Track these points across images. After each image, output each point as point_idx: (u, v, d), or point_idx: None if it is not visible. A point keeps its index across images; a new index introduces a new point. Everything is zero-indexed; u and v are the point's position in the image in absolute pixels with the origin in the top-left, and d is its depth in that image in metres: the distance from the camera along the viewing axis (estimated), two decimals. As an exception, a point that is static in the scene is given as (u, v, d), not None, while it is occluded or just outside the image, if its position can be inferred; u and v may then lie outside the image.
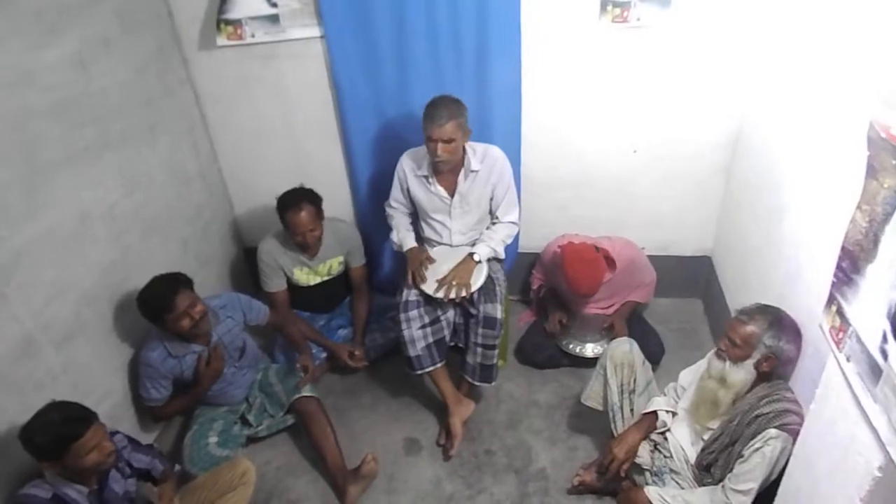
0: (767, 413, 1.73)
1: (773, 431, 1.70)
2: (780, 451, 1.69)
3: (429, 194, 2.48)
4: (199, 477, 2.20)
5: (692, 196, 2.84)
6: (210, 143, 2.97)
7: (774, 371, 1.83)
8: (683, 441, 2.01)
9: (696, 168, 2.75)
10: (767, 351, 1.79)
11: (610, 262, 2.62)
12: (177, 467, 2.20)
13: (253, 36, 2.62)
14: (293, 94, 2.79)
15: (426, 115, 2.23)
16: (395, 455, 2.48)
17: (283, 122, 2.87)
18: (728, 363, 1.85)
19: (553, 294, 2.87)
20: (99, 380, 2.23)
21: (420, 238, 2.62)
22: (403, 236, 2.54)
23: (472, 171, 2.41)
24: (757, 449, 1.72)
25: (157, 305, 2.13)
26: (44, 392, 1.89)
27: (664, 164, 2.76)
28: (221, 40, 2.65)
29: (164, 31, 2.62)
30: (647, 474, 2.07)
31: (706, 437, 1.93)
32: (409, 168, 2.48)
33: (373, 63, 2.59)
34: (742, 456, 1.76)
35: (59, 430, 1.64)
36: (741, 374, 1.83)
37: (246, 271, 3.24)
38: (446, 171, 2.41)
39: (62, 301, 2.06)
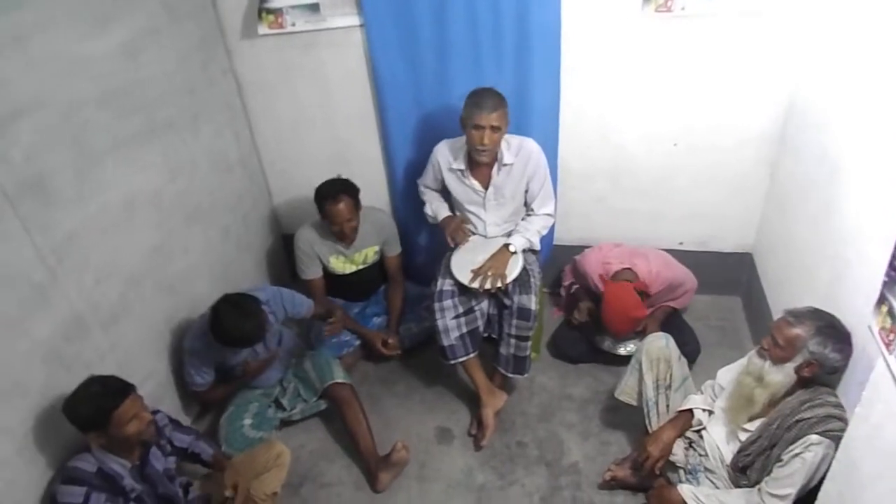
0: (809, 418, 1.69)
1: (814, 437, 1.65)
2: (821, 457, 1.65)
3: (463, 187, 2.48)
4: (236, 457, 2.25)
5: (734, 190, 2.77)
6: (250, 131, 3.02)
7: (816, 378, 1.77)
8: (719, 440, 1.98)
9: (738, 161, 2.68)
10: (810, 357, 1.73)
11: (646, 296, 2.55)
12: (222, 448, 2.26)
13: (294, 25, 2.65)
14: (332, 83, 2.81)
15: (472, 102, 2.23)
16: (428, 443, 2.50)
17: (322, 111, 2.90)
18: (768, 362, 1.81)
19: (585, 292, 2.83)
20: (142, 361, 2.30)
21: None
22: (437, 207, 2.57)
23: (506, 165, 2.39)
24: (797, 454, 1.68)
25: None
26: (91, 370, 1.95)
27: (705, 156, 2.69)
28: (263, 29, 2.68)
29: (208, 21, 2.67)
30: (681, 472, 2.05)
31: (743, 437, 1.89)
32: (444, 160, 2.48)
33: (412, 52, 2.59)
34: (781, 460, 1.72)
35: (99, 400, 1.71)
36: (779, 375, 1.78)
37: (283, 259, 3.30)
38: (482, 165, 2.40)
39: (109, 283, 2.12)
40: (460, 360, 2.41)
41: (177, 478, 2.01)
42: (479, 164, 2.39)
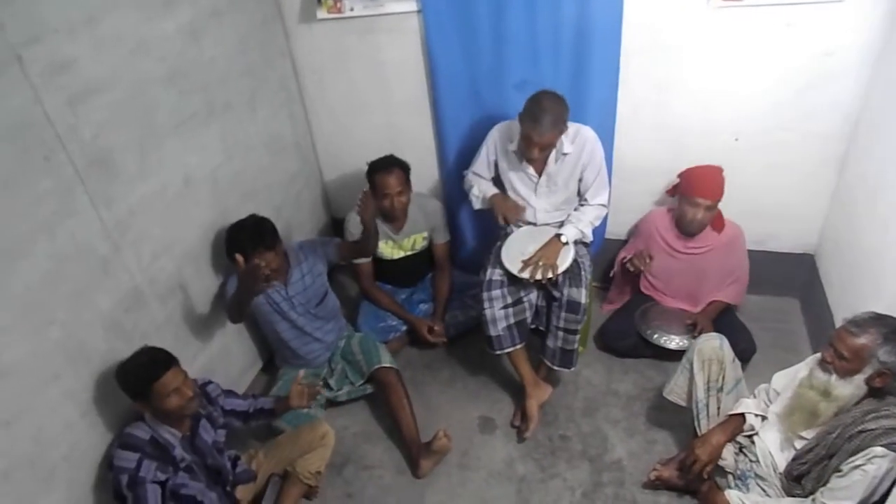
0: (874, 430, 1.61)
1: (879, 450, 1.58)
2: (885, 471, 1.58)
3: (517, 170, 2.45)
4: (282, 434, 2.30)
5: (797, 189, 2.65)
6: (305, 113, 3.05)
7: (889, 388, 1.68)
8: (772, 447, 1.91)
9: (804, 159, 2.56)
10: (882, 367, 1.64)
11: (720, 219, 2.56)
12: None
13: (352, 10, 2.65)
14: (388, 68, 2.81)
15: (529, 112, 2.18)
16: (470, 432, 2.50)
17: (376, 95, 2.90)
18: (834, 376, 1.72)
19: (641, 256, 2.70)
20: (196, 333, 2.37)
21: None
22: (485, 188, 2.53)
23: (564, 154, 2.35)
24: (858, 466, 1.61)
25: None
26: (148, 341, 2.02)
27: (768, 153, 2.59)
28: (321, 13, 2.70)
29: (268, 4, 2.70)
30: (730, 477, 1.99)
31: (798, 445, 1.82)
32: (500, 141, 2.45)
33: (469, 39, 2.57)
34: (840, 471, 1.65)
35: (142, 370, 1.78)
36: (849, 388, 1.70)
37: (333, 240, 3.34)
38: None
39: (167, 258, 2.19)
40: (507, 350, 2.40)
41: (225, 451, 2.06)
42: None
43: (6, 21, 1.54)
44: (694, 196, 2.50)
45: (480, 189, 2.53)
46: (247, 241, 2.21)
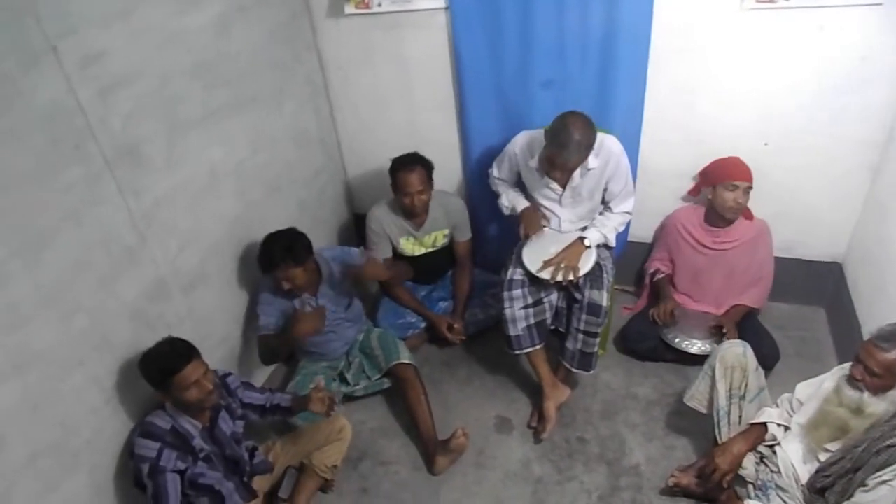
0: (903, 444, 1.58)
1: (906, 465, 1.55)
2: (912, 487, 1.54)
3: (539, 184, 2.42)
4: (300, 427, 2.32)
5: (827, 195, 2.60)
6: (330, 108, 3.06)
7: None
8: (795, 458, 1.87)
9: (833, 165, 2.51)
10: None
11: (748, 210, 2.58)
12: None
13: (379, 5, 2.65)
14: (413, 64, 2.81)
15: (556, 137, 2.12)
16: (487, 431, 2.50)
17: (401, 91, 2.90)
18: (866, 394, 1.68)
19: (668, 281, 2.75)
20: (217, 326, 2.39)
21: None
22: (514, 198, 2.52)
23: (590, 170, 2.31)
24: (885, 481, 1.57)
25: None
26: (172, 331, 2.04)
27: (796, 158, 2.54)
28: (349, 9, 2.70)
29: (296, -1, 2.71)
30: (751, 487, 1.96)
31: (822, 457, 1.79)
32: (522, 154, 2.43)
33: (496, 37, 2.55)
34: (865, 485, 1.61)
35: (163, 361, 1.79)
36: (882, 405, 1.66)
37: (354, 236, 3.35)
38: None
39: (191, 249, 2.21)
40: (526, 350, 2.39)
41: (243, 441, 2.08)
42: None
43: (43, 13, 1.56)
44: (732, 180, 2.49)
45: (509, 199, 2.52)
46: (278, 252, 2.23)
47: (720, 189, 2.53)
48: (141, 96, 1.92)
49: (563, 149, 2.11)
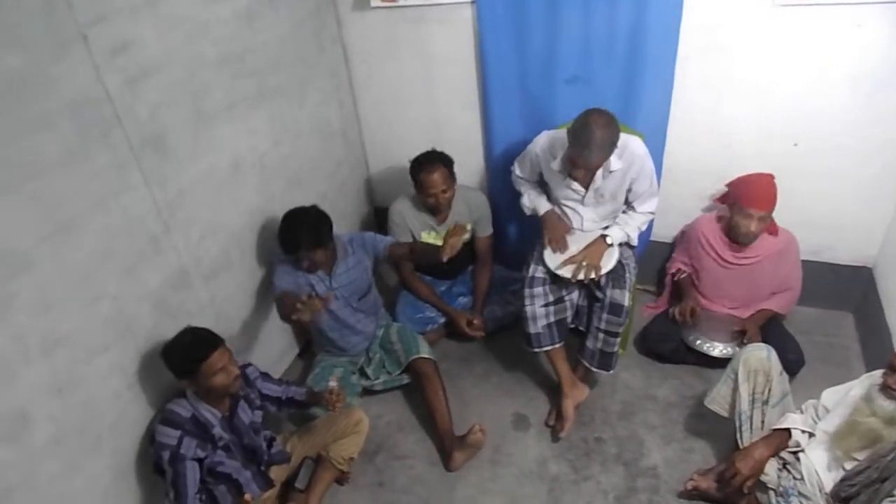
0: (932, 454, 1.53)
1: (936, 475, 1.51)
2: (942, 498, 1.50)
3: (561, 185, 2.40)
4: (317, 419, 2.33)
5: (858, 198, 2.54)
6: (353, 102, 3.07)
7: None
8: (819, 465, 1.84)
9: (866, 167, 2.45)
10: None
11: (773, 224, 2.49)
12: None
13: (406, -2, 2.65)
14: (438, 58, 2.80)
15: (578, 137, 2.06)
16: (503, 428, 2.49)
17: (425, 86, 2.89)
18: None
19: (690, 281, 2.71)
20: (238, 314, 2.41)
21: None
22: (535, 200, 2.49)
23: (612, 172, 2.27)
24: (912, 491, 1.53)
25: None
26: (192, 320, 2.07)
27: (828, 159, 2.48)
28: (375, 2, 2.70)
29: (322, -9, 2.72)
30: (772, 494, 1.92)
31: (848, 466, 1.75)
32: (543, 155, 2.40)
33: (522, 32, 2.53)
34: (892, 496, 1.57)
35: (189, 350, 1.81)
36: None
37: (375, 230, 3.31)
38: None
39: (213, 239, 2.23)
40: (545, 349, 2.37)
41: (261, 431, 2.10)
42: None
43: (75, 0, 1.58)
44: (748, 207, 2.42)
45: (531, 200, 2.50)
46: (304, 237, 2.21)
47: (736, 212, 2.47)
48: (168, 86, 1.93)
49: (585, 148, 2.07)
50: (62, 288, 1.63)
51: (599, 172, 2.27)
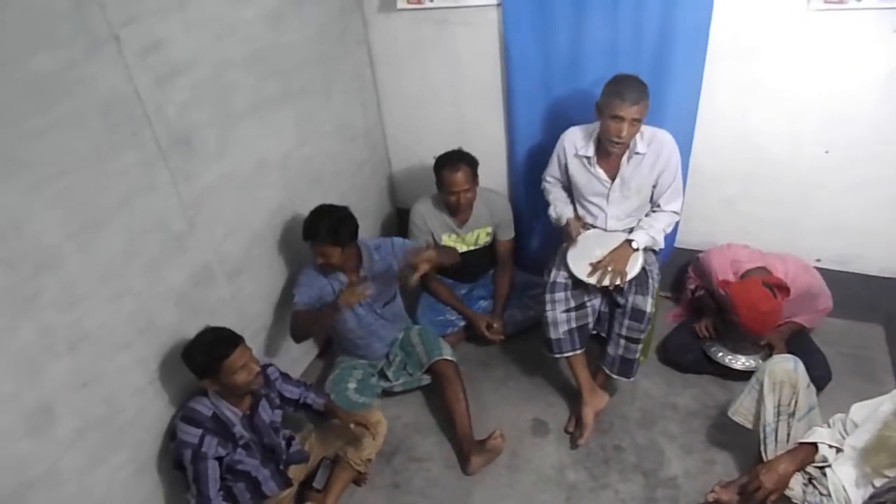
0: (966, 472, 1.49)
1: (970, 494, 1.46)
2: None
3: (587, 176, 2.38)
4: (336, 420, 2.33)
5: (890, 207, 2.48)
6: (377, 102, 3.07)
7: None
8: (847, 481, 1.79)
9: (900, 176, 2.40)
10: None
11: (783, 290, 2.32)
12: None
13: (432, 0, 2.64)
14: (462, 60, 2.79)
15: (613, 91, 2.11)
16: (522, 433, 2.47)
17: (449, 88, 2.89)
18: None
19: (710, 297, 2.67)
20: (258, 313, 2.43)
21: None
22: (562, 210, 2.47)
23: (637, 154, 2.27)
24: (944, 510, 1.49)
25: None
26: (214, 317, 2.09)
27: (859, 167, 2.43)
28: (401, 3, 2.70)
29: (349, -8, 2.72)
30: (797, 508, 1.88)
31: (878, 483, 1.70)
32: (570, 146, 2.39)
33: (547, 35, 2.52)
34: (924, 513, 1.53)
35: (211, 348, 1.82)
36: None
37: (396, 230, 3.35)
38: (611, 154, 2.29)
39: (236, 237, 2.24)
40: (566, 354, 2.35)
41: (281, 430, 2.11)
42: (608, 154, 2.28)
43: (107, 1, 1.60)
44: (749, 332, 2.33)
45: (557, 211, 2.48)
46: (323, 227, 2.22)
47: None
48: (196, 85, 1.95)
49: (620, 97, 2.08)
50: (88, 284, 1.66)
51: (625, 157, 2.26)
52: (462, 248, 2.81)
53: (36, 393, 1.55)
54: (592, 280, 2.25)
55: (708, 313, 2.62)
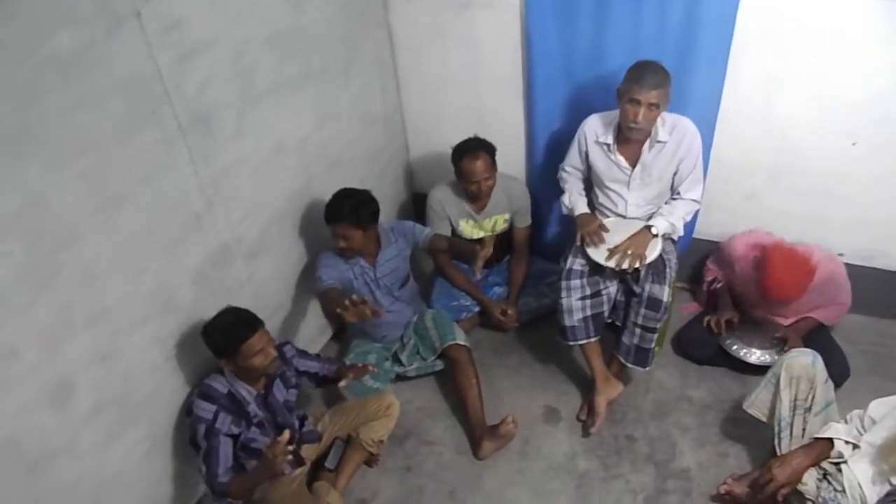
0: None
1: None
2: None
3: (608, 162, 2.36)
4: (349, 401, 2.35)
5: (918, 203, 2.44)
6: (397, 86, 3.05)
7: None
8: (862, 479, 1.77)
9: (931, 171, 2.34)
10: None
11: (810, 272, 2.30)
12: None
13: (453, -17, 2.62)
14: (482, 45, 2.75)
15: (632, 76, 2.10)
16: (534, 420, 2.47)
17: (469, 73, 2.86)
18: None
19: (727, 290, 2.64)
20: (275, 295, 2.44)
21: (592, 206, 2.51)
22: (575, 200, 2.46)
23: (659, 142, 2.25)
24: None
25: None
26: (231, 298, 2.10)
27: (888, 161, 2.37)
28: (423, -15, 2.67)
29: (370, -27, 2.70)
30: (810, 504, 1.87)
31: (895, 480, 1.68)
32: (591, 133, 2.37)
33: (570, 20, 2.47)
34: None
35: (231, 330, 1.84)
36: None
37: (413, 216, 3.33)
38: (631, 141, 2.27)
39: (254, 219, 2.25)
40: (580, 342, 2.34)
41: (294, 410, 2.13)
42: (629, 141, 2.26)
43: (129, -23, 1.60)
44: (767, 300, 2.32)
45: (570, 200, 2.47)
46: (346, 208, 2.23)
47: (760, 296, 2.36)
48: (216, 64, 1.95)
49: (638, 81, 2.07)
50: (108, 261, 1.67)
51: (646, 145, 2.24)
52: (479, 234, 2.81)
53: (56, 367, 1.58)
54: (611, 263, 2.23)
55: (722, 308, 2.59)
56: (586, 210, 2.44)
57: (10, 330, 1.46)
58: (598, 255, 2.27)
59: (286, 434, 1.76)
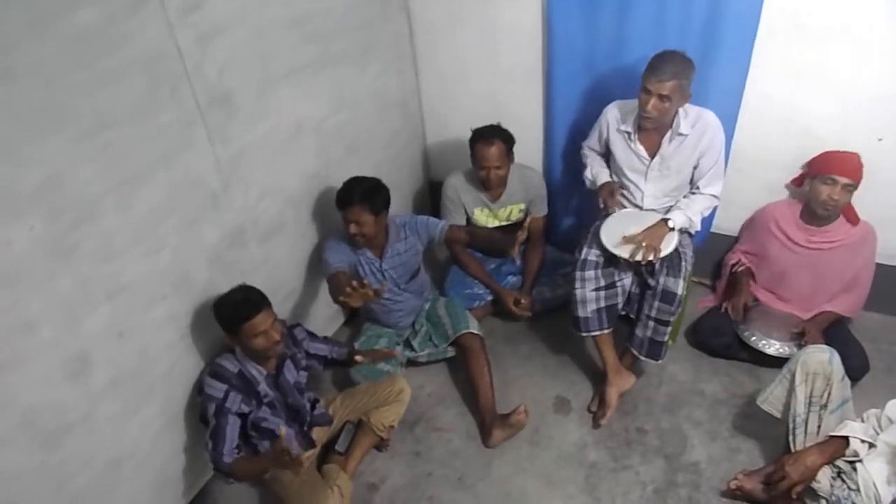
0: None
1: None
2: None
3: (627, 151, 2.34)
4: (360, 385, 2.36)
5: (943, 201, 2.39)
6: (415, 72, 3.04)
7: None
8: (878, 478, 1.75)
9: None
10: None
11: (854, 213, 2.40)
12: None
13: (474, -31, 2.59)
14: (502, 34, 2.74)
15: (649, 64, 2.08)
16: (544, 410, 2.47)
17: (488, 60, 2.84)
18: None
19: (748, 273, 2.61)
20: (288, 277, 2.45)
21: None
22: (597, 172, 2.45)
23: (680, 135, 2.22)
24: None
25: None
26: (245, 279, 2.10)
27: (914, 158, 2.33)
28: (443, -31, 2.65)
29: (391, -43, 2.68)
30: (823, 502, 1.85)
31: (911, 480, 1.66)
32: (613, 120, 2.35)
33: (593, 10, 2.45)
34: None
35: (236, 308, 1.85)
36: None
37: (428, 203, 3.34)
38: (651, 131, 2.24)
39: (270, 201, 2.26)
40: (593, 333, 2.33)
41: (305, 392, 2.14)
42: (649, 131, 2.23)
43: (151, -45, 1.60)
44: (831, 173, 2.31)
45: (593, 173, 2.45)
46: (358, 192, 2.23)
47: (817, 182, 2.36)
48: (236, 45, 1.95)
49: (653, 70, 2.06)
50: (126, 237, 1.69)
51: (666, 137, 2.22)
52: (494, 223, 2.80)
53: (74, 341, 1.60)
54: (625, 253, 2.21)
55: (740, 291, 2.56)
56: (609, 179, 2.42)
57: (29, 303, 1.48)
58: (614, 244, 2.26)
59: (283, 430, 1.83)
